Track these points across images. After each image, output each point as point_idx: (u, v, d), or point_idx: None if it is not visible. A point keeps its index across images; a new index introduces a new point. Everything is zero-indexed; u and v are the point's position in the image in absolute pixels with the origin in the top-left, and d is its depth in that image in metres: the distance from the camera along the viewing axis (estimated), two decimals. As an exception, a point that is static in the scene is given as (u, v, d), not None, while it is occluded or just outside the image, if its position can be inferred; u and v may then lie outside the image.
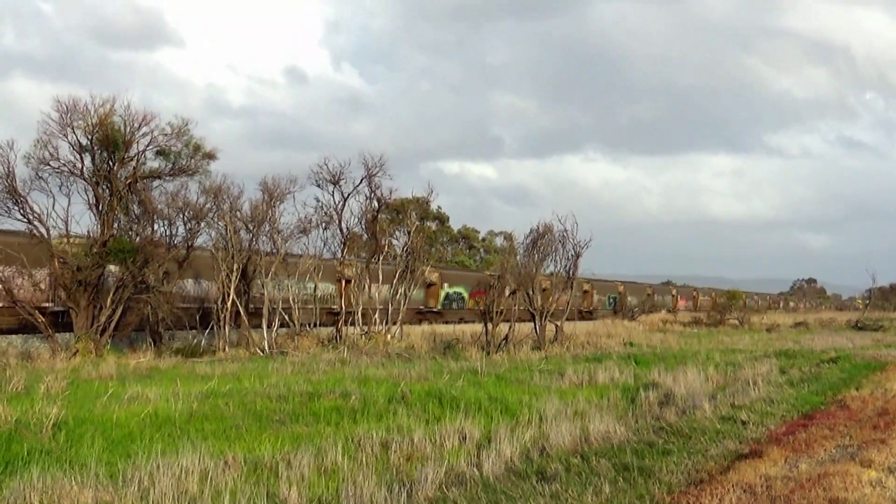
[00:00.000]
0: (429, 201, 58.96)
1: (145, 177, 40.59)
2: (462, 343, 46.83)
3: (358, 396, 23.46)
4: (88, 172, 38.85)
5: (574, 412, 22.22)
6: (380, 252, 52.82)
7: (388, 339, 49.20)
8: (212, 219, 45.22)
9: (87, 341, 37.23)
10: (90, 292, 38.39)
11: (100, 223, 39.13)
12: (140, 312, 40.85)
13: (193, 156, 41.20)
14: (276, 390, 24.52)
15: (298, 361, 36.59)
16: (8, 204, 38.00)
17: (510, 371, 33.49)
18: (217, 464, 14.94)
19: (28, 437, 17.01)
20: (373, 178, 50.14)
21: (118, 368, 31.77)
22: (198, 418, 20.43)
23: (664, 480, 15.08)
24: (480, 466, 15.64)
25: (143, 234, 40.98)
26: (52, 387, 23.88)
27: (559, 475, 15.22)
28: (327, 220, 50.37)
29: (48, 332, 38.36)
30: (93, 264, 38.09)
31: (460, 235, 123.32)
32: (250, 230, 46.20)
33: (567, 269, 54.18)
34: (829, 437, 19.41)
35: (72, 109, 38.26)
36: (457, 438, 18.66)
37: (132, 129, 39.11)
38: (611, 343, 53.83)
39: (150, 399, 22.51)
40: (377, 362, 36.66)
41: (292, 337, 47.05)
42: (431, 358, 39.77)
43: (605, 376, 31.32)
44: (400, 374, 29.94)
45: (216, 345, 43.59)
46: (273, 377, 28.99)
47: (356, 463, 15.80)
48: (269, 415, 21.26)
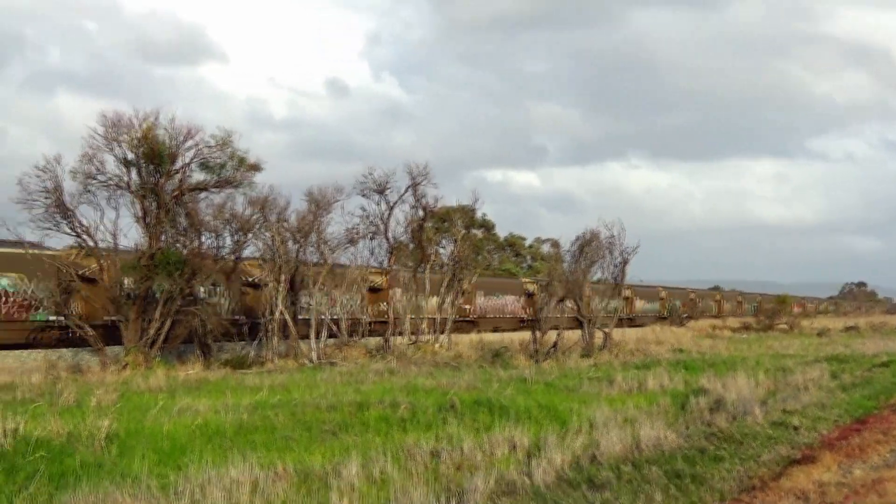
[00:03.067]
0: (474, 209, 58.87)
1: (191, 189, 40.72)
2: (510, 351, 46.74)
3: (407, 406, 23.44)
4: (135, 186, 39.05)
5: (624, 419, 22.14)
6: (426, 261, 52.83)
7: (436, 348, 49.18)
8: (259, 230, 45.35)
9: (137, 354, 37.41)
10: (139, 305, 38.58)
11: (147, 236, 39.30)
12: (188, 324, 40.99)
13: (238, 168, 41.29)
14: (325, 401, 24.54)
15: (347, 371, 36.66)
16: (57, 217, 38.28)
17: (559, 379, 33.43)
18: (267, 475, 15.00)
19: (80, 450, 17.11)
20: (418, 187, 50.23)
21: (168, 380, 31.90)
22: (248, 429, 20.49)
23: (716, 487, 15.01)
24: (531, 475, 15.61)
25: (191, 247, 41.13)
26: (102, 400, 23.99)
27: (610, 483, 15.18)
28: (373, 230, 50.42)
29: (98, 346, 38.59)
30: (141, 277, 38.28)
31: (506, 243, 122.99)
32: (297, 241, 46.31)
33: (614, 276, 54.05)
34: (883, 442, 19.28)
35: (116, 124, 38.51)
36: (506, 447, 18.64)
37: (177, 142, 39.31)
38: (660, 350, 53.58)
39: (199, 411, 22.58)
40: (425, 372, 36.68)
41: (340, 347, 47.12)
42: (479, 366, 39.75)
43: (655, 383, 31.20)
44: (448, 384, 29.90)
45: (264, 356, 43.68)
46: (322, 388, 29.02)
47: (406, 473, 15.80)
48: (319, 425, 21.29)
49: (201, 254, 41.53)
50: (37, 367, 35.97)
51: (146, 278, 38.45)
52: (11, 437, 16.83)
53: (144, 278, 38.40)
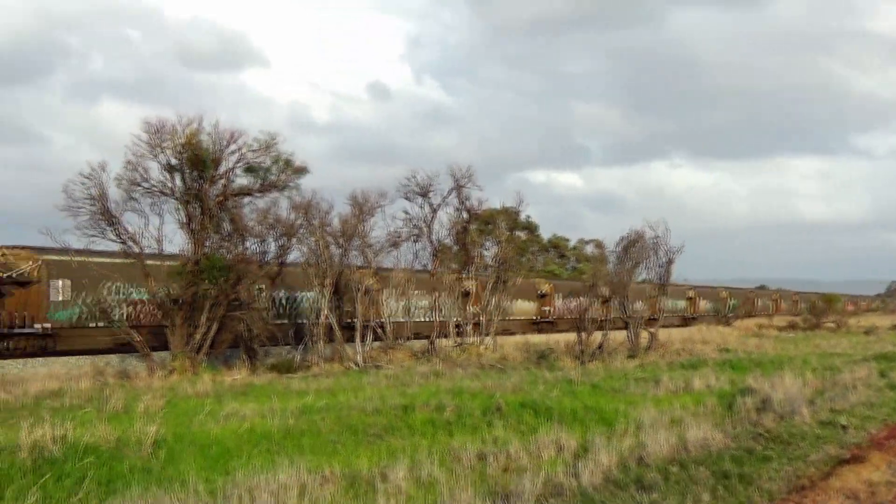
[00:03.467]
0: (518, 211, 58.87)
1: (235, 194, 40.85)
2: (556, 353, 46.68)
3: (453, 408, 23.45)
4: (179, 192, 39.23)
5: (671, 420, 22.09)
6: (471, 263, 52.81)
7: (482, 350, 49.14)
8: (303, 234, 45.46)
9: (183, 359, 37.57)
10: (185, 310, 38.75)
11: (192, 242, 39.46)
12: (234, 329, 41.16)
13: (284, 171, 41.38)
14: (371, 404, 24.57)
15: (392, 375, 36.68)
16: (102, 225, 38.47)
17: (605, 380, 33.34)
18: (315, 478, 15.03)
19: (128, 456, 17.21)
20: (461, 190, 50.22)
21: (214, 385, 32.04)
22: (295, 433, 20.55)
23: (764, 488, 14.94)
24: (578, 477, 15.58)
25: (235, 252, 41.27)
26: (150, 405, 24.14)
27: (658, 484, 15.13)
28: (417, 233, 50.44)
29: (145, 351, 38.80)
30: (186, 283, 38.45)
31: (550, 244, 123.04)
32: (341, 245, 46.41)
33: (660, 276, 53.94)
34: (933, 441, 19.13)
35: (160, 130, 38.65)
36: (553, 449, 18.63)
37: (220, 147, 39.43)
38: (706, 349, 53.31)
39: (246, 415, 22.66)
40: (471, 374, 36.65)
41: (386, 350, 47.18)
42: (525, 368, 39.71)
43: (701, 383, 31.07)
44: (494, 386, 29.87)
45: (310, 360, 43.78)
46: (368, 391, 29.06)
47: (453, 475, 15.80)
48: (365, 428, 21.32)
49: (246, 259, 41.68)
50: (84, 374, 36.18)
51: (191, 284, 38.61)
52: (60, 443, 16.95)
53: (190, 284, 38.57)
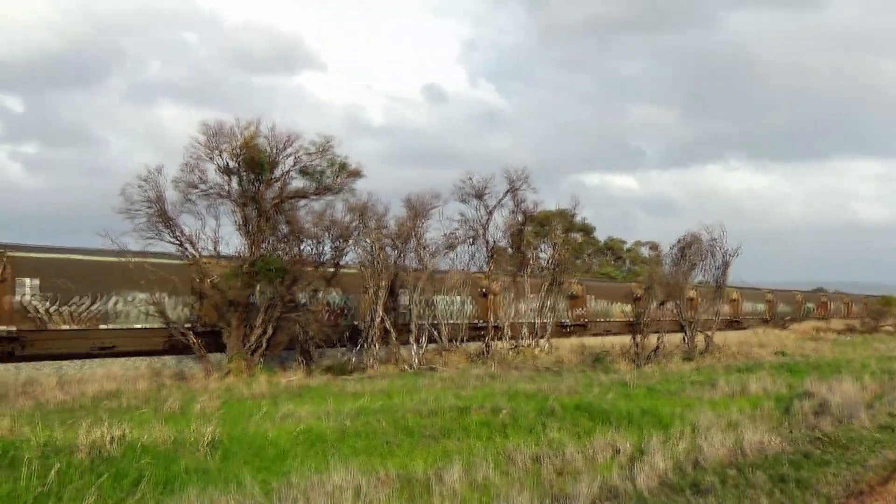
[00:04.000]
0: (573, 213, 58.75)
1: (291, 196, 40.97)
2: (611, 355, 46.58)
3: (508, 411, 23.42)
4: (236, 194, 39.43)
5: (727, 423, 21.98)
6: (526, 265, 52.81)
7: (537, 352, 49.12)
8: (358, 236, 45.58)
9: (239, 361, 37.74)
10: (241, 312, 38.92)
11: (248, 243, 39.65)
12: (290, 331, 41.30)
13: (339, 174, 41.47)
14: (426, 406, 24.57)
15: (447, 377, 36.70)
16: (159, 227, 38.74)
17: (661, 382, 33.23)
18: (370, 480, 15.05)
19: (185, 456, 17.30)
20: (517, 192, 50.24)
21: (270, 387, 32.18)
22: (350, 435, 20.59)
23: (822, 492, 14.85)
24: (634, 480, 15.54)
25: (291, 254, 41.41)
26: (206, 406, 24.28)
27: (714, 488, 15.07)
28: (472, 235, 50.48)
29: (201, 353, 39.02)
30: (242, 284, 38.63)
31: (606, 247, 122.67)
32: (396, 247, 46.50)
33: (716, 279, 53.76)
34: None
35: (217, 133, 38.88)
36: (609, 452, 18.58)
37: (276, 150, 39.58)
38: (762, 353, 53.06)
39: (302, 417, 22.73)
40: (526, 376, 36.63)
41: (441, 352, 47.23)
42: (580, 371, 39.65)
43: (758, 386, 30.91)
44: (549, 388, 29.81)
45: (365, 362, 43.89)
46: (423, 393, 29.07)
47: (508, 478, 15.79)
48: (420, 430, 21.33)
49: (302, 260, 41.80)
50: (141, 375, 36.42)
51: (248, 285, 38.81)
52: (118, 443, 17.06)
53: (246, 285, 38.75)
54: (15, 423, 19.32)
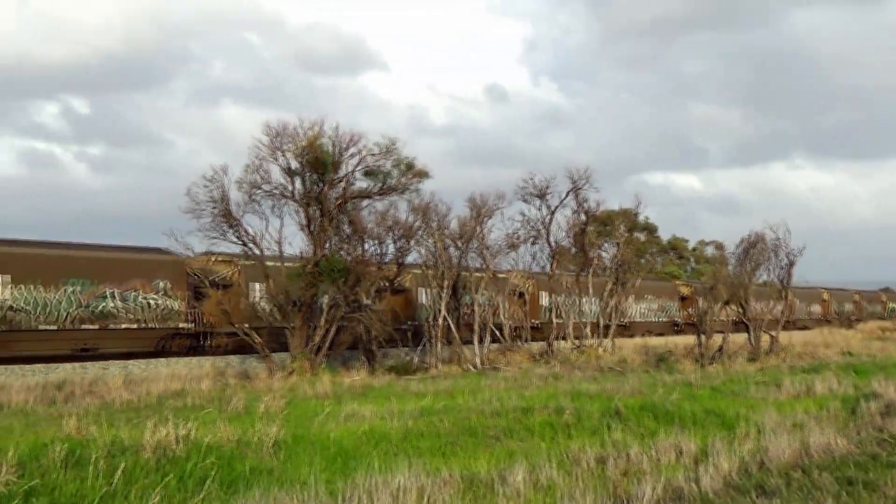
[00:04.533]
0: (636, 213, 58.55)
1: (354, 197, 41.09)
2: (675, 355, 46.37)
3: (571, 411, 23.35)
4: (299, 194, 39.60)
5: (792, 424, 21.78)
6: (589, 265, 52.69)
7: (600, 352, 49.00)
8: (421, 237, 45.67)
9: (303, 360, 37.88)
10: (304, 312, 39.06)
11: (312, 244, 39.81)
12: (353, 331, 41.41)
13: (404, 174, 41.50)
14: (489, 406, 24.52)
15: (511, 377, 36.63)
16: (223, 227, 39.03)
17: (725, 383, 33.00)
18: (434, 481, 15.02)
19: (249, 456, 17.37)
20: (579, 191, 50.15)
21: (333, 387, 32.24)
22: (413, 435, 20.59)
23: (890, 495, 14.67)
24: (698, 481, 15.42)
25: (354, 254, 41.52)
26: (270, 406, 24.37)
27: (779, 490, 14.93)
28: (535, 235, 50.44)
29: (265, 353, 39.21)
30: (306, 284, 38.76)
31: (669, 246, 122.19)
32: (459, 247, 46.53)
33: (780, 279, 53.42)
34: None
35: (281, 134, 39.12)
36: (673, 453, 18.46)
37: (340, 150, 39.69)
38: (828, 353, 52.56)
39: (365, 417, 22.75)
40: (589, 376, 36.50)
41: (504, 352, 47.21)
42: (644, 371, 39.49)
43: (824, 387, 30.61)
44: (613, 388, 29.68)
45: (428, 362, 43.95)
46: (486, 393, 29.04)
47: (572, 479, 15.73)
48: (484, 431, 21.30)
49: (365, 260, 41.92)
50: (206, 374, 36.64)
51: (311, 285, 38.94)
52: (183, 443, 17.16)
53: (309, 285, 38.89)
54: (82, 422, 19.48)
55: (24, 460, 15.49)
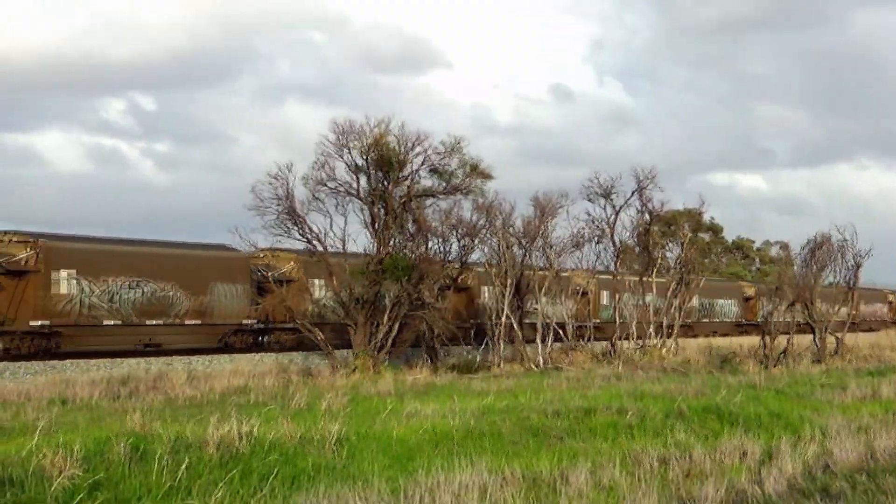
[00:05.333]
0: (701, 213, 58.35)
1: (419, 195, 41.08)
2: (739, 356, 46.10)
3: (634, 412, 23.27)
4: (364, 192, 39.62)
5: (858, 427, 21.62)
6: (653, 265, 52.51)
7: (663, 353, 48.82)
8: (485, 235, 45.69)
9: (365, 358, 37.95)
10: (367, 309, 39.14)
11: (375, 241, 39.88)
12: (416, 329, 41.48)
13: (469, 175, 41.47)
14: (551, 406, 24.44)
15: (573, 376, 36.50)
16: (288, 224, 39.20)
17: (789, 385, 32.76)
18: (495, 480, 15.02)
19: (312, 453, 17.45)
20: (644, 191, 49.96)
21: (395, 384, 32.24)
22: (475, 434, 20.57)
23: (956, 499, 14.54)
24: (762, 484, 15.34)
25: (418, 252, 41.57)
26: (332, 403, 24.41)
27: (844, 493, 14.83)
28: (599, 234, 50.35)
29: (328, 350, 39.35)
30: (370, 282, 38.86)
31: (734, 246, 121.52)
32: (523, 245, 46.52)
33: (847, 280, 53.02)
34: None
35: (347, 131, 39.16)
36: (737, 455, 18.37)
37: (406, 148, 39.70)
38: (894, 356, 52.03)
39: (427, 415, 22.73)
40: (652, 377, 36.33)
41: (566, 352, 47.15)
42: (708, 372, 39.28)
43: (890, 390, 30.31)
44: (676, 389, 29.49)
45: (490, 360, 43.94)
46: (548, 393, 28.96)
47: (634, 479, 15.69)
48: (546, 430, 21.27)
49: (428, 259, 41.93)
50: (268, 371, 36.81)
51: (374, 283, 39.02)
52: (247, 439, 17.27)
53: (373, 283, 38.98)
54: (146, 417, 19.64)
55: (89, 455, 15.64)
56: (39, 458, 15.08)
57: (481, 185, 42.47)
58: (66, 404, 26.27)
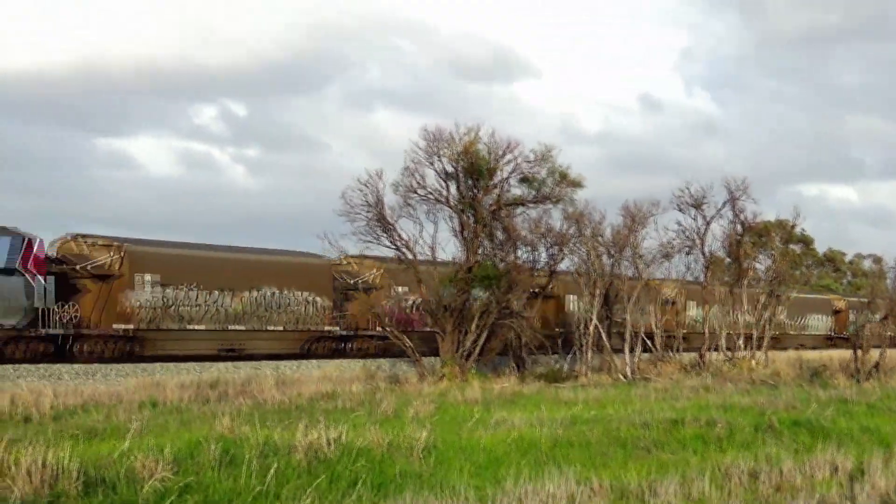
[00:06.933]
0: (793, 224, 57.84)
1: (509, 204, 41.10)
2: (829, 370, 45.56)
3: (723, 424, 23.04)
4: (454, 200, 39.72)
5: (954, 444, 21.28)
6: (744, 276, 52.13)
7: (753, 365, 48.40)
8: (574, 244, 45.61)
9: (453, 365, 37.97)
10: (455, 317, 39.15)
11: (465, 249, 39.92)
12: (504, 337, 41.47)
13: (559, 183, 41.41)
14: (639, 417, 24.26)
15: (661, 387, 36.24)
16: (377, 231, 39.36)
17: (882, 400, 32.25)
18: (583, 490, 14.94)
19: (399, 460, 17.46)
20: (736, 202, 49.62)
21: (483, 392, 32.18)
22: (563, 444, 20.46)
23: None
24: (854, 500, 15.13)
25: (507, 260, 41.57)
26: (420, 410, 24.45)
27: (940, 511, 14.61)
28: (689, 245, 50.06)
29: (415, 357, 39.44)
30: (458, 290, 38.87)
31: (825, 258, 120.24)
32: (612, 255, 46.35)
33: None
34: None
35: (438, 138, 39.30)
36: (827, 469, 18.13)
37: (496, 156, 39.73)
38: None
39: (515, 424, 22.63)
40: (741, 389, 35.97)
41: (654, 362, 46.90)
42: (797, 385, 38.84)
43: None
44: (766, 402, 29.18)
45: (578, 370, 43.81)
46: (636, 403, 28.78)
47: (724, 493, 15.54)
48: (634, 442, 21.11)
49: (517, 267, 41.91)
50: (355, 377, 36.95)
51: (463, 291, 39.04)
52: (335, 445, 17.33)
53: (461, 291, 38.99)
54: (234, 421, 19.79)
55: (179, 458, 15.78)
56: (131, 461, 15.25)
57: (571, 193, 42.45)
58: (156, 407, 26.56)
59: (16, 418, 23.18)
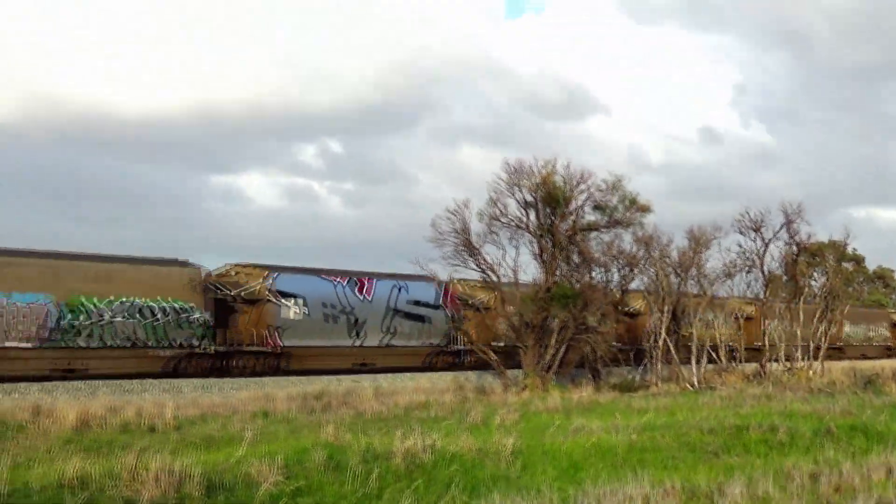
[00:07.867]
0: (845, 244, 57.27)
1: (583, 229, 41.21)
2: (882, 378, 44.97)
3: (785, 430, 22.81)
4: (533, 226, 40.00)
5: None
6: (800, 293, 51.78)
7: (810, 374, 47.96)
8: (644, 265, 45.69)
9: (535, 377, 38.07)
10: (536, 333, 39.27)
11: (544, 271, 40.12)
12: (580, 351, 41.57)
13: (629, 209, 41.48)
14: (707, 423, 24.09)
15: (726, 396, 35.95)
16: (464, 255, 39.71)
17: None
18: (657, 491, 14.86)
19: (489, 465, 17.49)
20: (791, 224, 49.34)
21: (562, 402, 32.13)
22: (637, 449, 20.38)
23: None
24: (910, 500, 14.92)
25: (582, 281, 41.70)
26: (505, 419, 24.47)
27: None
28: (749, 264, 49.88)
29: (500, 369, 39.62)
30: (538, 308, 39.02)
31: (875, 275, 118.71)
32: (679, 275, 46.34)
33: None
34: None
35: (518, 171, 39.65)
36: (883, 471, 17.87)
37: (571, 186, 39.96)
38: None
39: (592, 430, 22.57)
40: (800, 397, 35.58)
41: (719, 373, 46.59)
42: (853, 393, 38.35)
43: None
44: (823, 409, 28.83)
45: (649, 380, 43.71)
46: (703, 411, 28.56)
47: (787, 493, 15.37)
48: (702, 446, 20.97)
49: (592, 287, 42.03)
50: (447, 388, 37.06)
51: (543, 309, 39.15)
52: (430, 451, 17.39)
53: (541, 309, 39.12)
54: (338, 429, 19.89)
55: (289, 463, 15.91)
56: (247, 466, 15.39)
57: (640, 217, 42.51)
58: (267, 417, 26.73)
59: (142, 428, 23.45)
